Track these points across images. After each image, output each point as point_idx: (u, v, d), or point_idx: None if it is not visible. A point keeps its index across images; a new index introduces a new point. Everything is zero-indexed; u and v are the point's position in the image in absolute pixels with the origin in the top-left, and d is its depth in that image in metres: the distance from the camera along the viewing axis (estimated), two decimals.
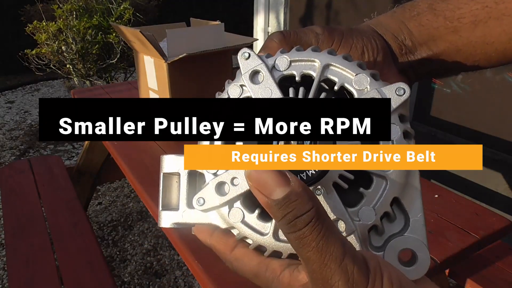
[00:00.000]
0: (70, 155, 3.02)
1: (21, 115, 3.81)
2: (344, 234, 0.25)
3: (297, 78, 0.28)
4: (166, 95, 1.22)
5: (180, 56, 1.13)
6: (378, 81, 0.27)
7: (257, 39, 1.45)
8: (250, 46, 1.46)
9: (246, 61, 0.29)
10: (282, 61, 0.29)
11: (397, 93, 0.26)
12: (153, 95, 1.31)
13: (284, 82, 0.29)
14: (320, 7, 2.70)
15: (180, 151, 0.29)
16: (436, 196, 1.02)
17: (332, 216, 0.25)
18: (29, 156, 3.00)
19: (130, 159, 1.19)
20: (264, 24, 3.10)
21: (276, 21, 3.03)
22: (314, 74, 0.28)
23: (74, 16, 3.10)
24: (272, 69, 0.29)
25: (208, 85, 1.29)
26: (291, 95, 0.28)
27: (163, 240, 2.06)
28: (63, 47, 3.13)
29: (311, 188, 0.25)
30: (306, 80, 0.28)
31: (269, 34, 3.21)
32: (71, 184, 1.74)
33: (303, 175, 0.25)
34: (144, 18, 3.50)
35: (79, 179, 1.99)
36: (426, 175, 1.79)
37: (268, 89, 0.28)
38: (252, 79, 0.29)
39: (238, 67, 0.30)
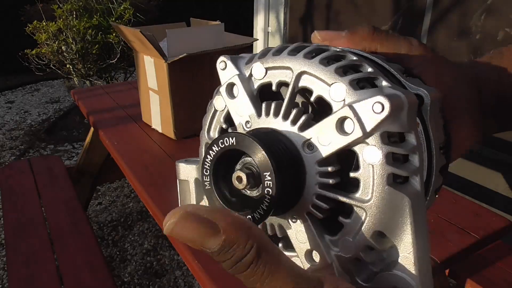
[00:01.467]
0: (70, 155, 3.02)
1: (21, 115, 3.81)
2: (317, 264, 0.24)
3: (273, 88, 0.26)
4: (166, 95, 1.23)
5: (180, 56, 1.14)
6: (364, 89, 0.23)
7: (257, 39, 1.45)
8: (250, 46, 1.46)
9: (223, 72, 0.27)
10: (257, 70, 0.26)
11: (374, 110, 0.21)
12: (153, 95, 1.31)
13: (267, 89, 0.26)
14: (320, 7, 2.70)
15: (180, 151, 0.29)
16: (436, 196, 1.02)
17: (306, 246, 0.24)
18: (29, 156, 3.00)
19: (130, 159, 1.19)
20: (264, 24, 3.10)
21: (276, 21, 3.04)
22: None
23: (74, 16, 3.10)
24: (249, 78, 0.26)
25: (208, 85, 1.29)
26: (263, 111, 0.25)
27: (163, 240, 2.06)
28: (63, 47, 3.13)
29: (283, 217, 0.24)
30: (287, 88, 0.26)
31: (269, 34, 3.22)
32: (71, 184, 1.74)
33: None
34: (144, 18, 3.50)
35: (79, 179, 1.99)
36: None
37: (243, 105, 0.26)
38: (229, 93, 0.27)
39: None
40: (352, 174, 0.22)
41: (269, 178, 0.22)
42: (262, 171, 0.22)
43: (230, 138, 0.23)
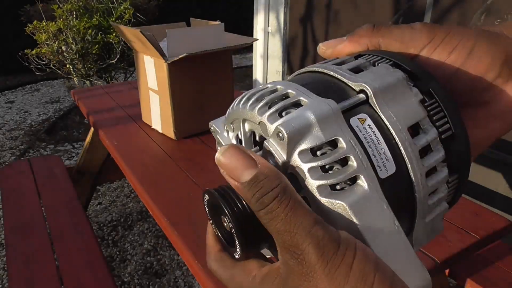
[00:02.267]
0: (70, 155, 3.02)
1: (21, 115, 3.81)
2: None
3: (233, 142, 0.29)
4: (166, 95, 1.23)
5: (180, 56, 1.14)
6: (283, 117, 0.24)
7: (257, 39, 1.45)
8: (250, 46, 1.46)
9: (213, 133, 0.31)
10: (227, 126, 0.29)
11: (279, 137, 0.23)
12: (153, 95, 1.31)
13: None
14: (320, 7, 2.70)
15: (180, 151, 0.30)
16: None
17: None
18: (29, 156, 3.00)
19: (130, 159, 1.19)
20: (264, 24, 3.10)
21: (276, 21, 3.03)
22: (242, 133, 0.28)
23: (74, 16, 3.10)
24: (227, 133, 0.30)
25: (208, 85, 1.29)
26: None
27: (163, 240, 2.06)
28: (63, 47, 3.13)
29: None
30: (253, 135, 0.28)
31: (269, 34, 3.21)
32: (71, 184, 1.74)
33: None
34: (144, 18, 3.50)
35: (79, 179, 1.99)
36: None
37: None
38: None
39: (238, 67, 0.30)
40: (301, 195, 0.23)
41: (228, 222, 0.24)
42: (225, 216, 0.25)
43: (206, 195, 0.26)
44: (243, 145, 0.28)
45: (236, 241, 0.24)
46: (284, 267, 0.22)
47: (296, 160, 0.23)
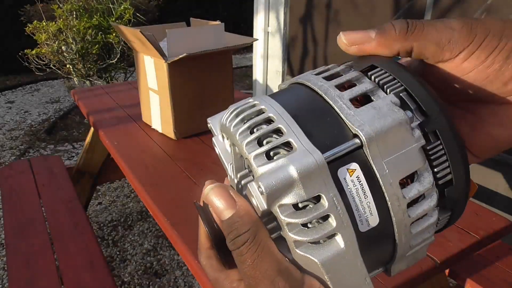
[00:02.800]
0: (70, 155, 3.02)
1: (21, 115, 3.81)
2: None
3: (228, 149, 0.29)
4: (166, 95, 1.23)
5: (180, 56, 1.14)
6: (270, 160, 0.23)
7: (257, 39, 1.44)
8: (250, 46, 1.46)
9: (211, 130, 0.31)
10: (219, 139, 0.30)
11: (260, 191, 0.22)
12: (153, 95, 1.31)
13: None
14: (320, 7, 2.70)
15: (180, 151, 0.30)
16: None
17: None
18: (29, 156, 3.00)
19: (130, 159, 1.19)
20: (264, 24, 3.10)
21: (276, 21, 3.04)
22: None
23: (74, 16, 3.10)
24: (223, 139, 0.30)
25: (208, 85, 1.29)
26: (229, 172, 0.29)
27: (163, 240, 2.06)
28: (63, 47, 3.13)
29: None
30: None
31: (269, 34, 3.20)
32: (71, 184, 1.74)
33: None
34: (144, 18, 3.50)
35: (79, 179, 1.99)
36: None
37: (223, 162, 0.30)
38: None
39: (238, 67, 0.30)
40: (281, 234, 0.24)
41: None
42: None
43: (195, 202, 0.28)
44: (234, 166, 0.28)
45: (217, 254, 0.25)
46: None
47: (276, 211, 0.22)
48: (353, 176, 0.23)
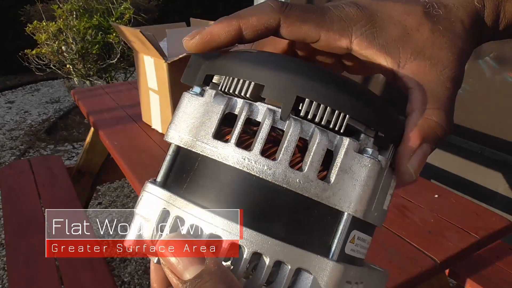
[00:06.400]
0: (70, 155, 3.02)
1: (21, 115, 3.81)
2: None
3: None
4: (166, 95, 1.23)
5: (180, 56, 1.14)
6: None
7: None
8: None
9: None
10: None
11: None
12: (153, 95, 1.31)
13: None
14: None
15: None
16: (436, 196, 1.02)
17: None
18: (29, 156, 3.00)
19: (130, 159, 1.19)
20: None
21: None
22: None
23: (74, 16, 3.10)
24: None
25: None
26: None
27: None
28: (63, 47, 3.13)
29: None
30: None
31: None
32: (71, 184, 1.74)
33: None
34: (144, 18, 3.51)
35: (79, 179, 1.99)
36: (427, 175, 1.79)
37: None
38: None
39: None
40: None
41: None
42: None
43: None
44: None
45: None
46: None
47: None
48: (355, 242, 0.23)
